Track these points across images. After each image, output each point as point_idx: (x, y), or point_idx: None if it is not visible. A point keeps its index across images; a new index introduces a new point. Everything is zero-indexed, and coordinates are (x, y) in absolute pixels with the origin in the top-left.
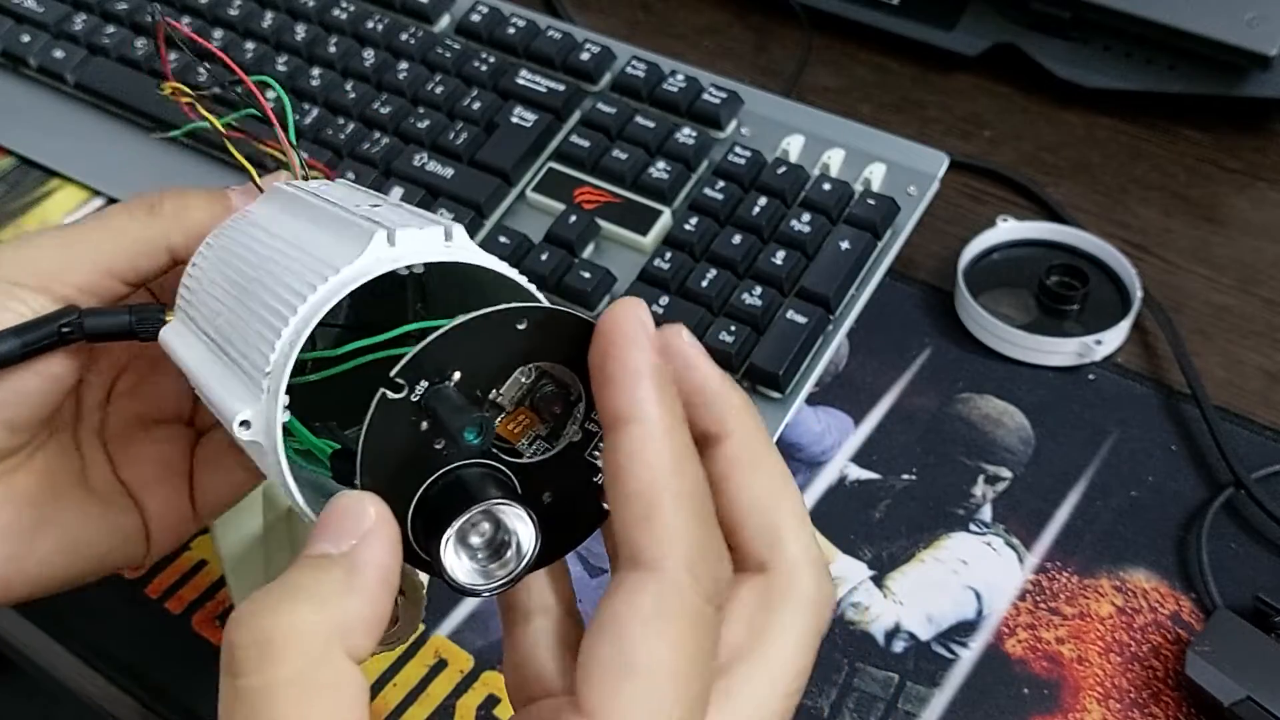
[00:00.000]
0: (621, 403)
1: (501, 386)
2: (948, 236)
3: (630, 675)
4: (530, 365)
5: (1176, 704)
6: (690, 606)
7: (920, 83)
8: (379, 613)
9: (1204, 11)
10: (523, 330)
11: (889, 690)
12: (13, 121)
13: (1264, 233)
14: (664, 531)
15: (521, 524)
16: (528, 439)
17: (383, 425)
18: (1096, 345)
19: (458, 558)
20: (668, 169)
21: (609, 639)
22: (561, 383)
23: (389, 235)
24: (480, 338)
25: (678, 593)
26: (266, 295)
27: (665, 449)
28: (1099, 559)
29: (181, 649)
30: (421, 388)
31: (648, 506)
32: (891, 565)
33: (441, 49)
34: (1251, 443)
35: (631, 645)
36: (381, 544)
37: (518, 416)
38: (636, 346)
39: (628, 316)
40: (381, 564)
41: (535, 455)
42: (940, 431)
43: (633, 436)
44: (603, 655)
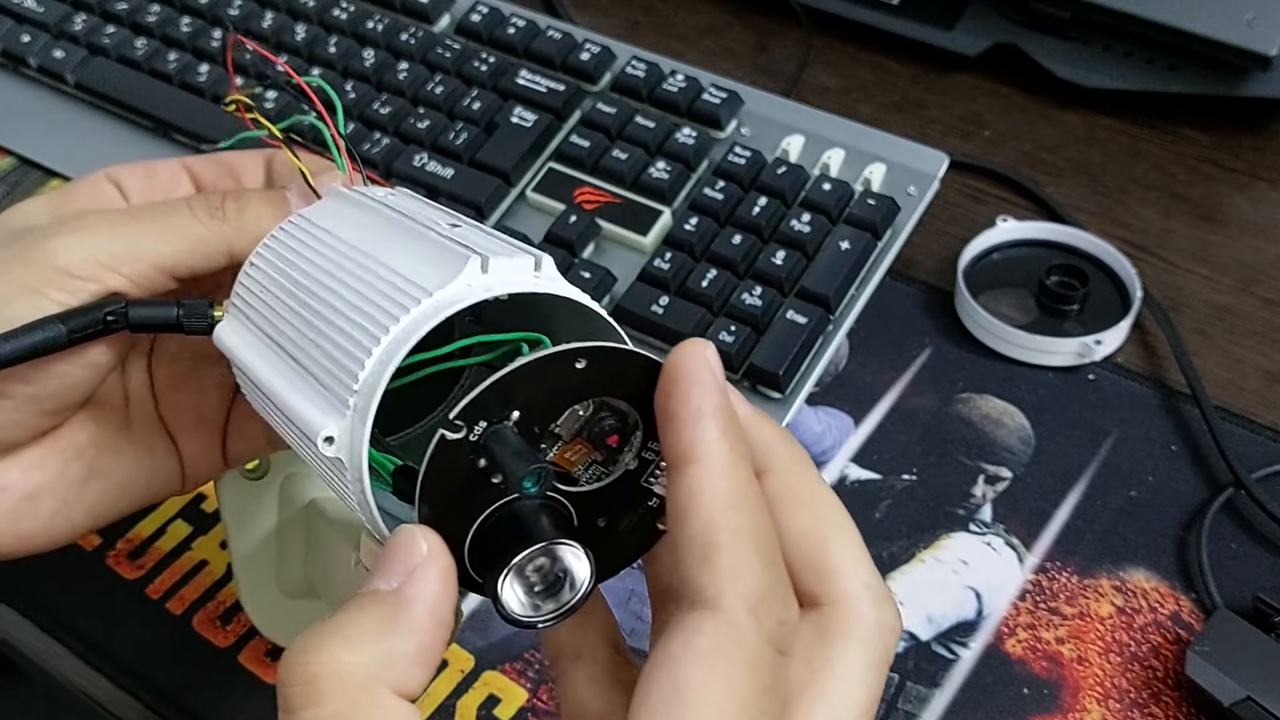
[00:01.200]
0: (683, 443)
1: (559, 419)
2: (948, 236)
3: (683, 716)
4: (590, 400)
5: (1176, 704)
6: (750, 647)
7: (920, 83)
8: (429, 645)
9: (1204, 11)
10: (582, 369)
11: (889, 690)
12: (13, 121)
13: (1264, 233)
14: (722, 570)
15: (577, 560)
16: (583, 465)
17: (441, 463)
18: (1096, 345)
19: (514, 591)
20: (668, 169)
21: (663, 678)
22: (619, 413)
23: (483, 263)
24: (540, 377)
25: (735, 633)
26: (349, 310)
27: (724, 488)
28: (1099, 559)
29: (183, 649)
30: (480, 428)
31: (706, 546)
32: (892, 565)
33: (441, 49)
34: (1251, 443)
35: (686, 686)
36: (432, 579)
37: (574, 445)
38: (700, 386)
39: (694, 355)
40: (431, 599)
41: (591, 483)
42: (940, 431)
43: (692, 476)
44: (656, 696)
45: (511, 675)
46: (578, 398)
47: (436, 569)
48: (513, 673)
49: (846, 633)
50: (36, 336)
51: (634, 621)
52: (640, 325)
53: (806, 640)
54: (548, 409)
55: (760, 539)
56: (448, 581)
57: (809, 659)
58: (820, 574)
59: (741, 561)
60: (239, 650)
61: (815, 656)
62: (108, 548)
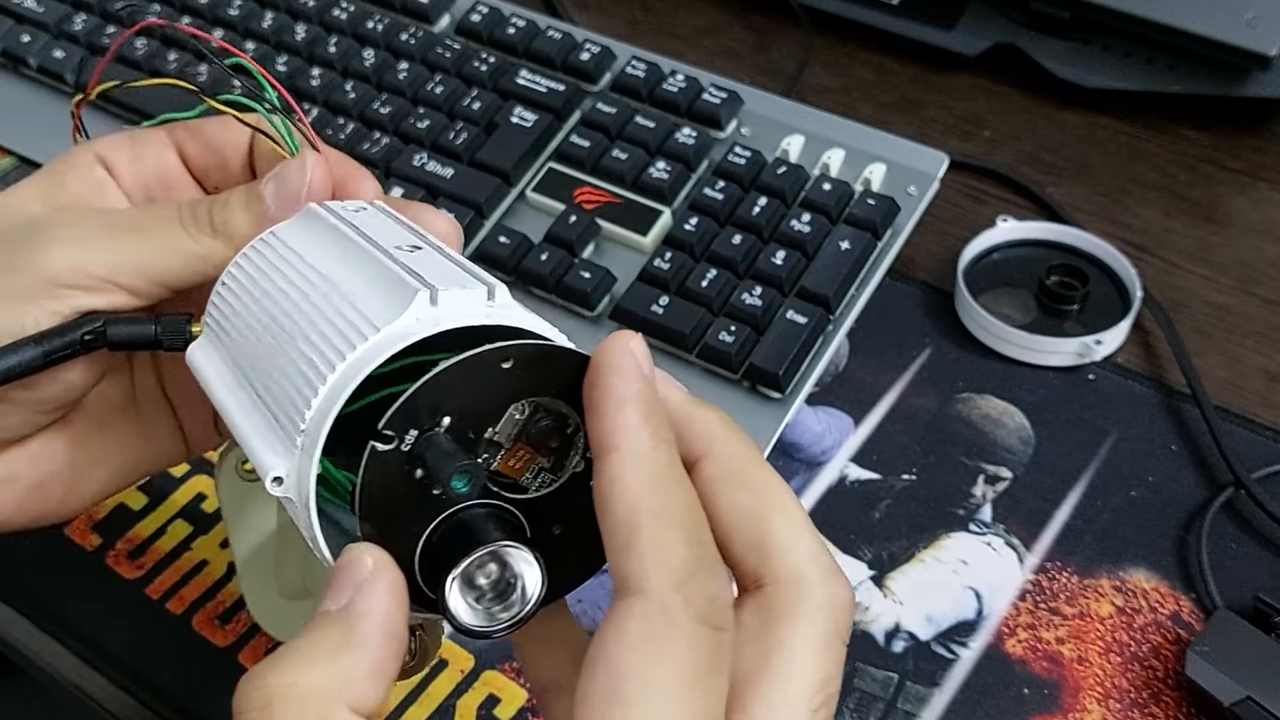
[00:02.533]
0: (604, 432)
1: (497, 425)
2: (948, 236)
3: (624, 706)
4: (523, 401)
5: (1176, 704)
6: (682, 626)
7: (920, 83)
8: (383, 660)
9: (1204, 11)
10: (510, 369)
11: (889, 690)
12: (13, 121)
13: (1264, 233)
14: (645, 553)
15: (527, 565)
16: (531, 473)
17: (377, 475)
18: (1096, 345)
19: (463, 601)
20: (668, 169)
21: (600, 670)
22: (558, 415)
23: (431, 295)
24: (467, 380)
25: (665, 614)
26: (301, 342)
27: (644, 473)
28: (1099, 559)
29: (182, 649)
30: (411, 436)
31: (629, 532)
32: (891, 565)
33: (441, 49)
34: (1251, 443)
35: (623, 674)
36: (380, 593)
37: (516, 452)
38: (620, 375)
39: (616, 347)
40: (380, 613)
41: (541, 489)
42: (940, 431)
43: (612, 464)
44: (594, 689)
45: (511, 675)
46: (509, 399)
47: (383, 583)
48: (512, 672)
49: (793, 611)
50: (10, 360)
51: None
52: (640, 325)
53: (754, 622)
54: (480, 413)
55: (684, 520)
56: (395, 595)
57: (758, 639)
58: (763, 554)
59: (664, 543)
60: (239, 650)
61: (765, 638)
62: (108, 548)
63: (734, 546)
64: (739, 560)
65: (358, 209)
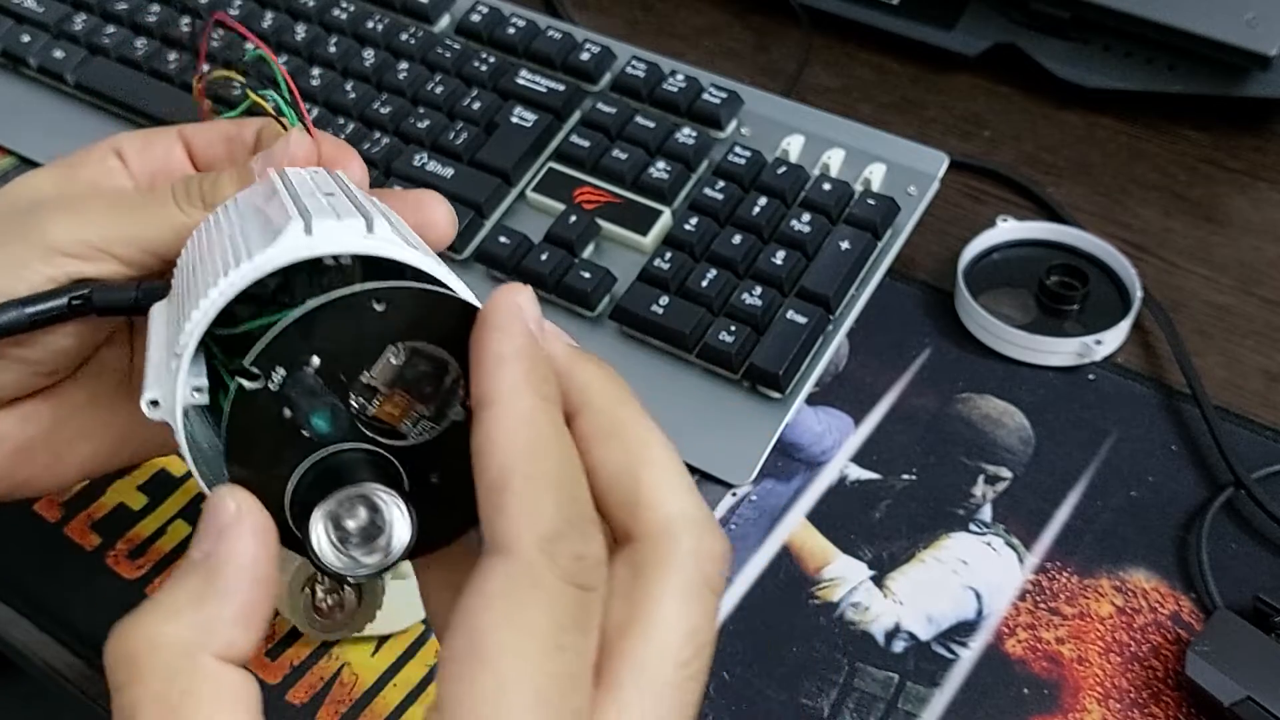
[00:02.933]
0: (483, 387)
1: (372, 369)
2: (948, 236)
3: (481, 664)
4: (399, 345)
5: (1176, 704)
6: (544, 586)
7: (920, 83)
8: (250, 605)
9: (1204, 11)
10: (382, 311)
11: (889, 690)
12: (13, 121)
13: (1264, 233)
14: (515, 513)
15: (398, 511)
16: (411, 420)
17: (245, 415)
18: (1096, 345)
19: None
20: (668, 169)
21: (461, 630)
22: (437, 361)
23: (305, 225)
24: (338, 321)
25: (528, 573)
26: (197, 281)
27: (521, 432)
28: (1099, 559)
29: None
30: (279, 375)
31: (500, 491)
32: (891, 565)
33: (441, 49)
34: (1251, 443)
35: (480, 633)
36: (244, 537)
37: (393, 398)
38: (502, 331)
39: (501, 301)
40: (244, 557)
41: (420, 437)
42: (940, 431)
43: (489, 421)
44: (455, 648)
45: None
46: (383, 342)
47: (248, 526)
48: None
49: (662, 564)
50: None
51: None
52: (640, 325)
53: (624, 576)
54: (353, 355)
55: (556, 480)
56: (261, 538)
57: (628, 595)
58: (633, 508)
59: (535, 504)
60: None
61: (633, 593)
62: (108, 548)
63: (606, 501)
64: (611, 515)
65: (313, 173)
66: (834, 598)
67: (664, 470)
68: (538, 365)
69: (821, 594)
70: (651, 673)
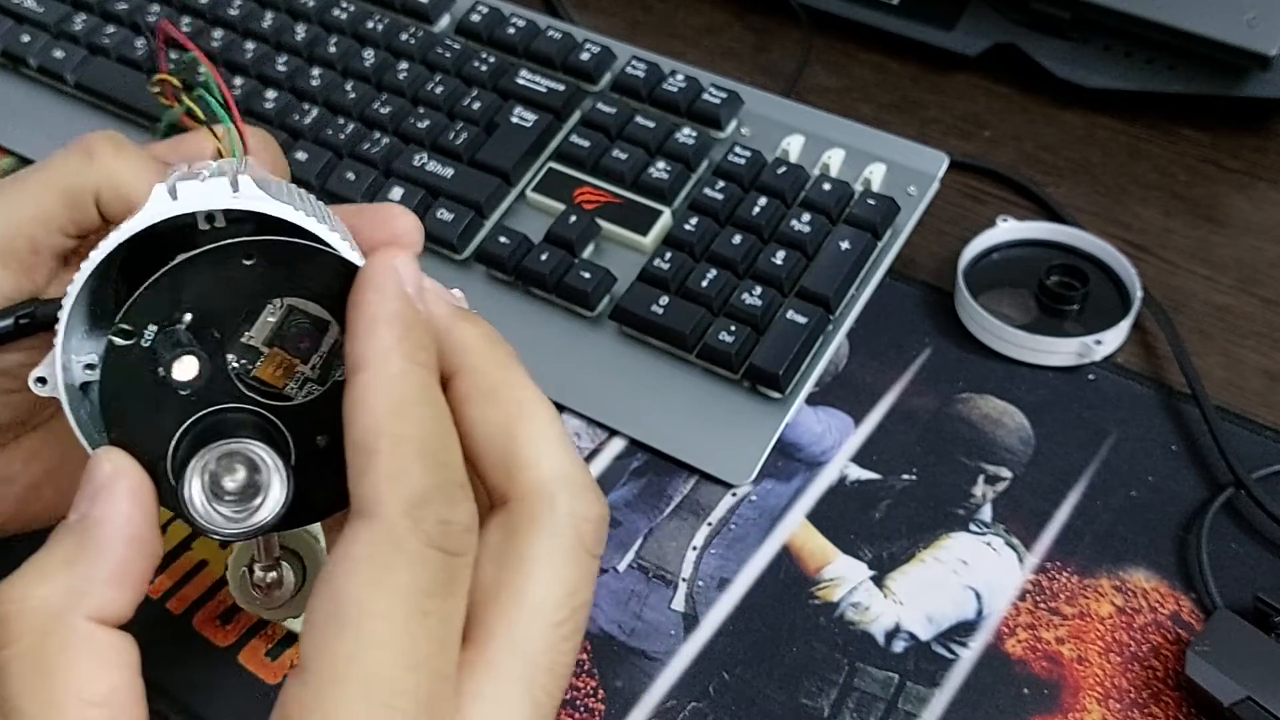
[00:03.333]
0: (355, 350)
1: (251, 328)
2: (948, 236)
3: (342, 628)
4: (276, 303)
5: (1176, 704)
6: (407, 551)
7: (920, 83)
8: (125, 565)
9: (1204, 11)
10: (252, 265)
11: (889, 690)
12: (13, 121)
13: (1264, 233)
14: (380, 476)
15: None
16: (296, 381)
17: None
18: (1096, 345)
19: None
20: (668, 169)
21: (324, 594)
22: (316, 320)
23: (171, 189)
24: (208, 277)
25: (391, 537)
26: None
27: (390, 395)
28: (1099, 559)
29: (183, 649)
30: (151, 332)
31: (367, 454)
32: (891, 565)
33: (441, 49)
34: (1251, 443)
35: (342, 598)
36: (118, 498)
37: (274, 358)
38: (378, 292)
39: (378, 262)
40: (119, 518)
41: (306, 397)
42: (940, 431)
43: (359, 384)
44: (318, 609)
45: None
46: (256, 299)
47: (123, 487)
48: None
49: (535, 526)
50: None
51: (634, 621)
52: (640, 325)
53: (496, 539)
54: (226, 312)
55: (425, 445)
56: (137, 498)
57: (499, 557)
58: (508, 469)
59: (401, 468)
60: (239, 650)
61: (506, 554)
62: None
63: (482, 463)
64: (486, 476)
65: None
66: (834, 598)
67: (541, 431)
68: (412, 329)
69: (821, 594)
70: (524, 634)
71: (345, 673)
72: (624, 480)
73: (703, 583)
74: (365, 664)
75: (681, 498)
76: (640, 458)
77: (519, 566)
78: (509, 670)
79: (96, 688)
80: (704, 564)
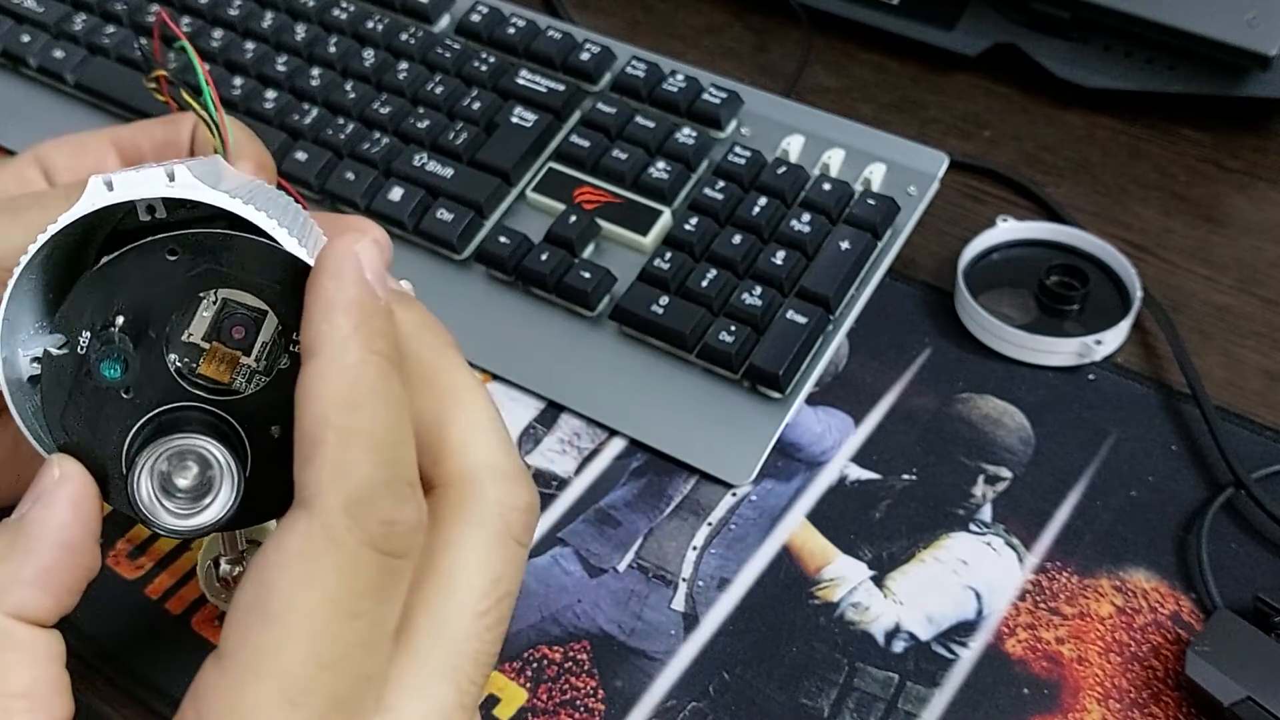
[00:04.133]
0: (309, 337)
1: (190, 324)
2: (948, 236)
3: (263, 620)
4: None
5: (1176, 704)
6: (343, 549)
7: (920, 83)
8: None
9: (1204, 11)
10: (178, 260)
11: (889, 690)
12: (13, 121)
13: (1264, 233)
14: (323, 469)
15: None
16: (243, 375)
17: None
18: (1096, 345)
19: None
20: (668, 169)
21: (251, 582)
22: (253, 311)
23: (107, 181)
24: (136, 276)
25: (329, 533)
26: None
27: (342, 386)
28: (1099, 559)
29: (182, 649)
30: (85, 338)
31: (312, 444)
32: (891, 565)
33: (441, 49)
34: (1251, 443)
35: (269, 588)
36: (57, 503)
37: (215, 353)
38: (334, 279)
39: (335, 249)
40: (54, 523)
41: (255, 388)
42: (940, 431)
43: (310, 372)
44: (244, 597)
45: (511, 675)
46: (186, 293)
47: (65, 493)
48: (512, 672)
49: (460, 514)
50: None
51: (634, 621)
52: (640, 325)
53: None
54: (159, 310)
55: (374, 439)
56: (76, 507)
57: (425, 546)
58: (436, 455)
59: (347, 461)
60: None
61: (432, 541)
62: (107, 548)
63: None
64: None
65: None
66: (834, 598)
67: (471, 419)
68: (371, 317)
69: (821, 594)
70: (449, 625)
71: (261, 665)
72: (624, 480)
73: (703, 583)
74: (282, 660)
75: (681, 498)
76: (640, 458)
77: (444, 554)
78: (433, 659)
79: (16, 680)
80: (704, 564)
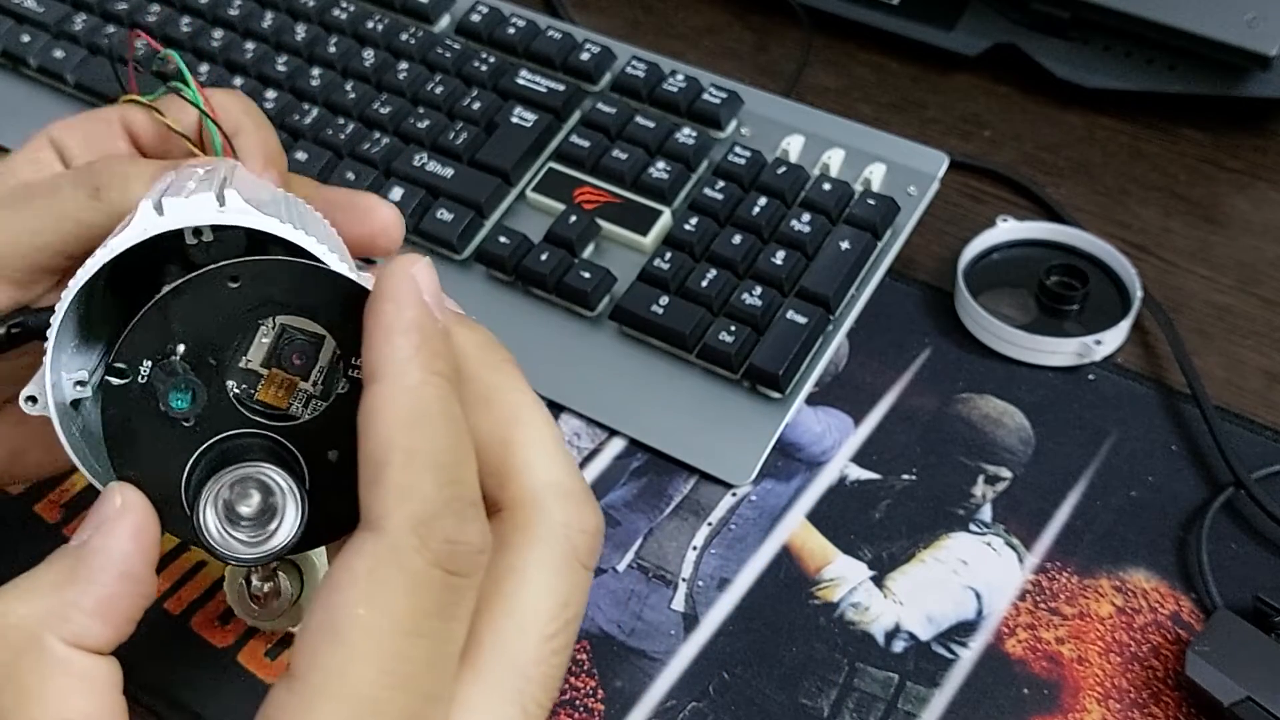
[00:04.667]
0: (371, 361)
1: (247, 351)
2: (948, 236)
3: (334, 641)
4: (270, 322)
5: (1176, 704)
6: (410, 570)
7: (920, 83)
8: (112, 599)
9: (1204, 11)
10: (239, 287)
11: (889, 690)
12: (13, 121)
13: (1264, 233)
14: (389, 490)
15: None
16: (300, 400)
17: (117, 410)
18: (1096, 345)
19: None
20: (668, 169)
21: (321, 605)
22: (313, 336)
23: (156, 205)
24: (195, 305)
25: (395, 555)
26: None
27: (405, 408)
28: (1099, 559)
29: (182, 649)
30: (146, 368)
31: (378, 466)
32: (891, 565)
33: (441, 49)
34: (1251, 443)
35: (339, 610)
36: (120, 533)
37: (274, 379)
38: (394, 302)
39: (395, 271)
40: (116, 552)
41: (312, 414)
42: (940, 431)
43: (373, 395)
44: (314, 620)
45: None
46: (246, 321)
47: (127, 522)
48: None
49: (527, 536)
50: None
51: (634, 621)
52: (640, 325)
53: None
54: (219, 338)
55: (438, 460)
56: (139, 536)
57: (491, 568)
58: (501, 478)
59: (412, 482)
60: (238, 650)
61: (497, 565)
62: None
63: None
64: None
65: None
66: (834, 598)
67: (536, 439)
68: (431, 339)
69: (821, 594)
70: (516, 647)
71: (330, 687)
72: (624, 480)
73: (703, 583)
74: (351, 681)
75: (681, 498)
76: (640, 458)
77: (510, 577)
78: (500, 682)
79: (75, 708)
80: (704, 564)
